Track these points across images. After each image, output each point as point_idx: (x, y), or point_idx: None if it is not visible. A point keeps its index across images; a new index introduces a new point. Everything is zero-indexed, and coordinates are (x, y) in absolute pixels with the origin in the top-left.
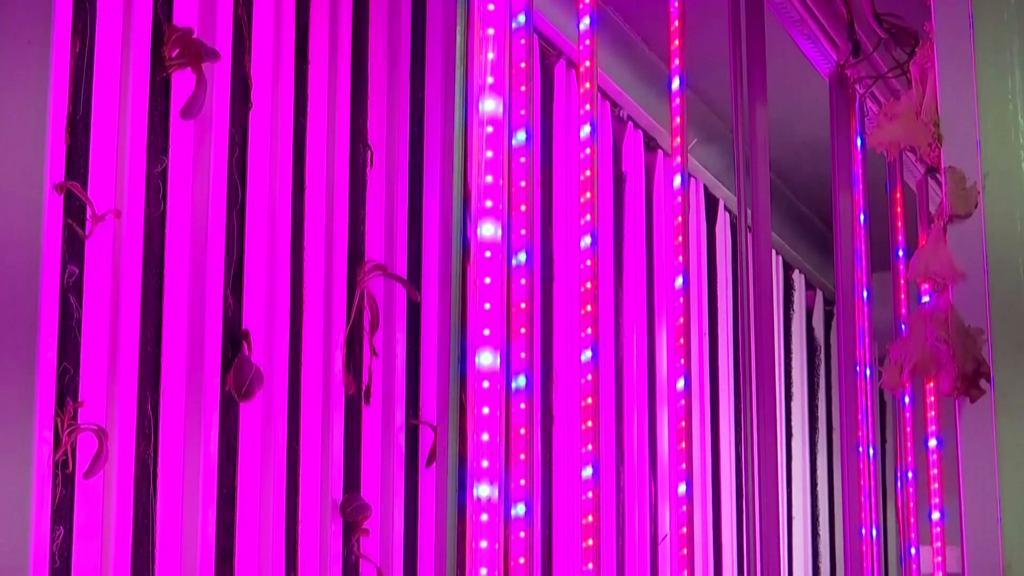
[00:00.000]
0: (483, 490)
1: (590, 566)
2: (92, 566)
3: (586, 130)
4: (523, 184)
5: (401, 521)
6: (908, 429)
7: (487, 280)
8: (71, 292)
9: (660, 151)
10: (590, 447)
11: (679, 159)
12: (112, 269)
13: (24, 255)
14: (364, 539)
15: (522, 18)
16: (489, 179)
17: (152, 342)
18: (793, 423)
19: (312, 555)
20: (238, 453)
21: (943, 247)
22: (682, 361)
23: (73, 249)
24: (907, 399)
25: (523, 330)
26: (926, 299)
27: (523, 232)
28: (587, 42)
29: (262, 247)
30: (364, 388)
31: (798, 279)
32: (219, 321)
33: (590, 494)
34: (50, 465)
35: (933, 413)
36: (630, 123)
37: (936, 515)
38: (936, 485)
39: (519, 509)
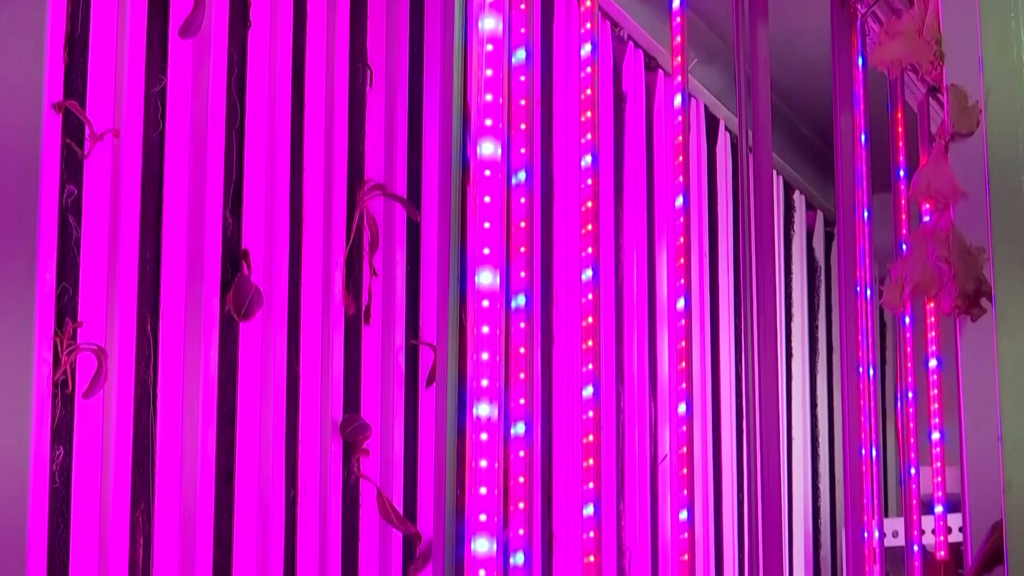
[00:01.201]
0: (483, 409)
1: (590, 485)
2: (92, 486)
3: (587, 49)
4: (523, 103)
5: (401, 441)
6: (908, 349)
7: (487, 199)
8: (70, 212)
9: (660, 71)
10: (591, 366)
11: (679, 78)
12: (111, 189)
13: (23, 175)
14: (364, 459)
15: None
16: (489, 98)
17: (151, 262)
18: (793, 344)
19: (312, 475)
20: (238, 373)
21: (945, 166)
22: (682, 281)
23: (72, 169)
24: (907, 319)
25: (523, 249)
26: (927, 219)
27: (523, 151)
28: None
29: (261, 167)
30: (364, 308)
31: (799, 200)
32: (218, 241)
33: (591, 413)
34: (49, 385)
35: (933, 334)
36: (630, 43)
37: (936, 435)
38: (936, 405)
39: (519, 428)
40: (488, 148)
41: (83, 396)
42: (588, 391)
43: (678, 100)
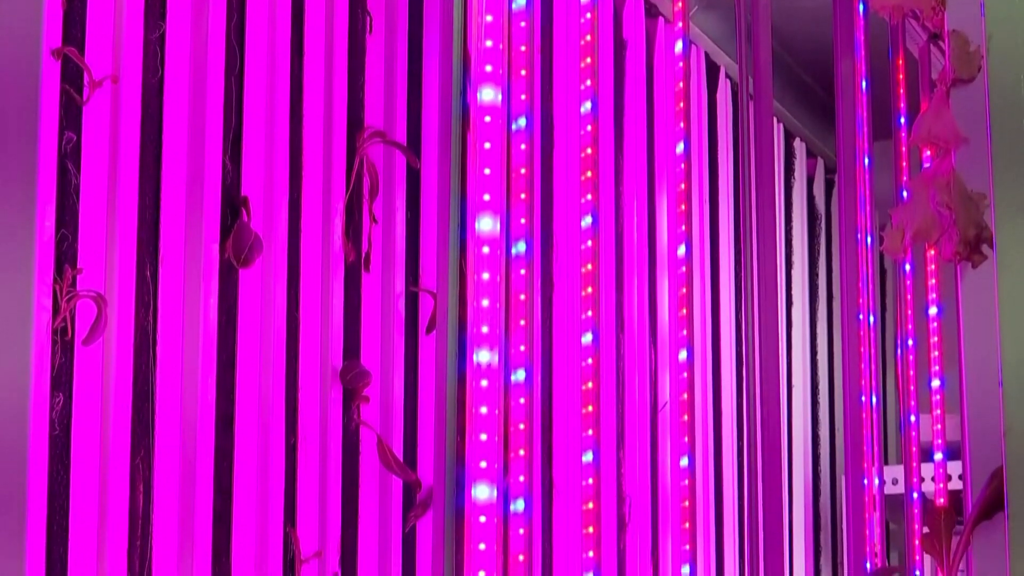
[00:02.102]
0: (483, 356)
1: (590, 432)
2: (92, 433)
3: None
4: (523, 49)
5: (401, 388)
6: (908, 297)
7: (487, 145)
8: (69, 159)
9: (661, 18)
10: (590, 313)
11: (680, 25)
12: (110, 135)
13: (21, 122)
14: (364, 406)
15: None
16: (489, 44)
17: (151, 208)
18: (793, 291)
19: (312, 422)
20: (238, 320)
21: (946, 111)
22: (683, 228)
23: (70, 115)
24: (908, 267)
25: (523, 195)
26: (927, 166)
27: (523, 97)
28: None
29: (261, 114)
30: (364, 255)
31: (799, 147)
32: (218, 188)
33: (590, 360)
34: (49, 332)
35: (934, 281)
36: None
37: (936, 383)
38: (936, 353)
39: (519, 375)
40: (488, 94)
41: (83, 343)
42: (587, 338)
43: (679, 47)
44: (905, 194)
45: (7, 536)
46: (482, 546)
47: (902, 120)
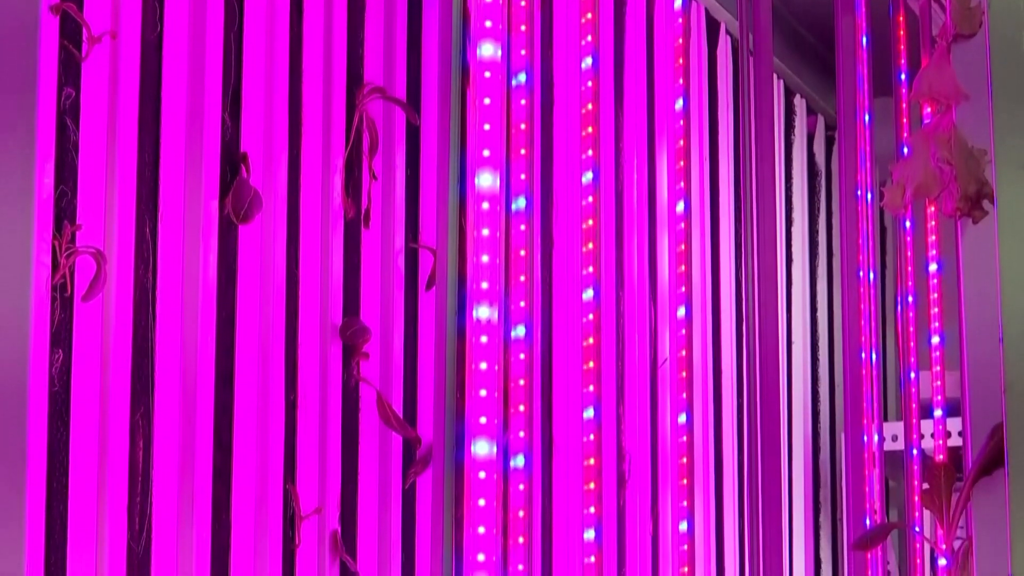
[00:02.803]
0: (483, 312)
1: (590, 388)
2: (91, 389)
3: None
4: (523, 3)
5: (401, 345)
6: (908, 253)
7: (487, 101)
8: (68, 115)
9: None
10: (590, 269)
11: None
12: (109, 91)
13: (20, 78)
14: (364, 363)
15: None
16: None
17: (150, 165)
18: (793, 248)
19: (312, 379)
20: (237, 276)
21: (947, 67)
22: (682, 184)
23: (69, 71)
24: (908, 223)
25: (523, 151)
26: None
27: (523, 52)
28: None
29: (260, 70)
30: (363, 212)
31: (799, 104)
32: (217, 144)
33: (590, 316)
34: (48, 289)
35: (934, 237)
36: None
37: (936, 339)
38: (936, 309)
39: (519, 331)
40: (488, 50)
41: (82, 299)
42: (588, 294)
43: (678, 2)
44: (906, 150)
45: (7, 493)
46: (482, 502)
47: (902, 76)
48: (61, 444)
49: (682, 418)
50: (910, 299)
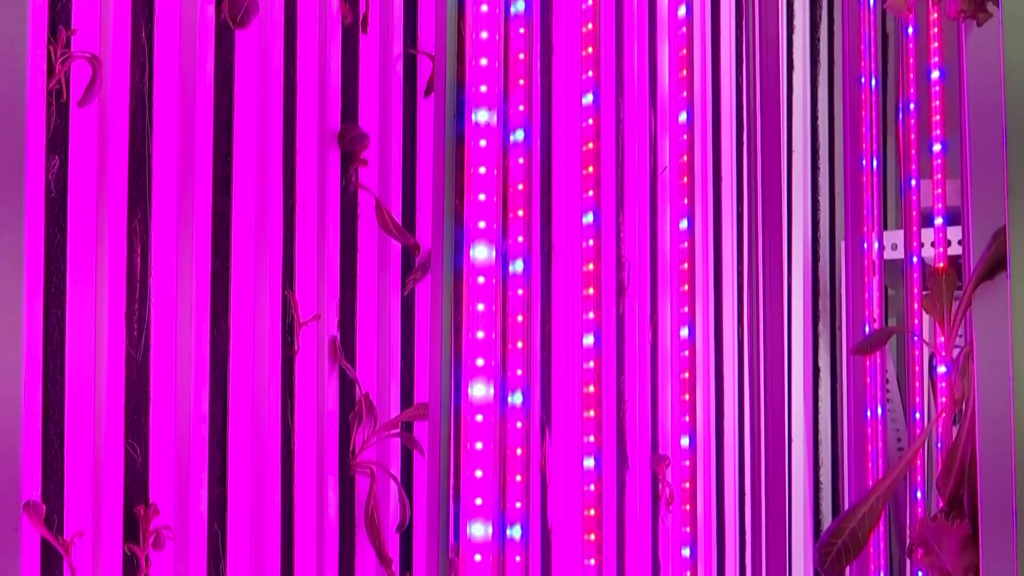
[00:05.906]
0: (482, 116)
1: (590, 193)
2: (88, 194)
3: None
4: None
5: (399, 151)
6: (911, 60)
7: None
8: None
9: None
10: (591, 73)
11: None
12: None
13: None
14: (362, 169)
15: None
16: None
17: None
18: (795, 56)
19: (310, 185)
20: (234, 82)
21: None
22: None
23: None
24: (910, 29)
25: None
26: None
27: None
28: None
29: None
30: (361, 17)
31: None
32: None
33: (591, 121)
34: (44, 94)
35: (936, 44)
36: None
37: (937, 147)
38: (938, 117)
39: (518, 135)
40: None
41: (78, 105)
42: (588, 99)
43: None
44: None
45: (5, 297)
46: (480, 307)
47: None
48: (59, 251)
49: (683, 224)
50: (912, 106)
